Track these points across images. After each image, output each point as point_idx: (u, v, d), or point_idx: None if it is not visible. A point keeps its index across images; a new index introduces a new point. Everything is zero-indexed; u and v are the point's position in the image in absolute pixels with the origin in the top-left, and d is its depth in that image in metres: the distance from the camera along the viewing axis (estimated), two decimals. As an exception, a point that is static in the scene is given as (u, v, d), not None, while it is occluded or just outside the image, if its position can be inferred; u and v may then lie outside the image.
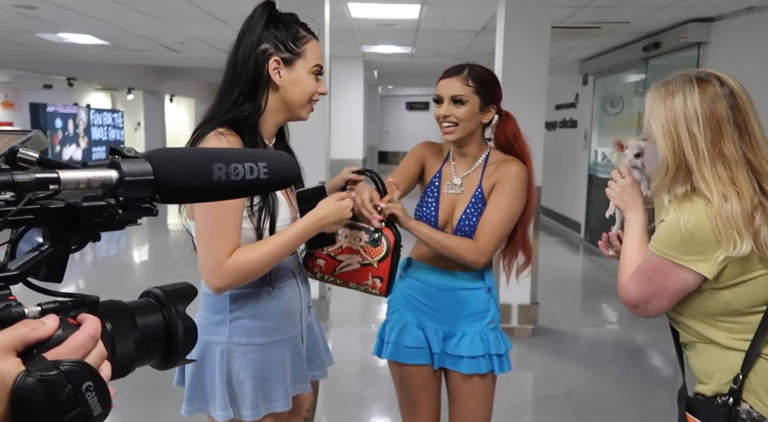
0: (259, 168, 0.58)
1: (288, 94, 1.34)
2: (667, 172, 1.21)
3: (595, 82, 7.40)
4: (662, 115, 1.22)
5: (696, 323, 1.23)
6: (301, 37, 1.34)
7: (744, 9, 4.41)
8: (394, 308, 1.80)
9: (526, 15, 3.92)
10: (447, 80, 1.70)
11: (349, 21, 5.35)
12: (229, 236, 1.23)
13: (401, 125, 18.28)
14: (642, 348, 4.32)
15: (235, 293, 1.33)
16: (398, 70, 9.74)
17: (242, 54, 1.30)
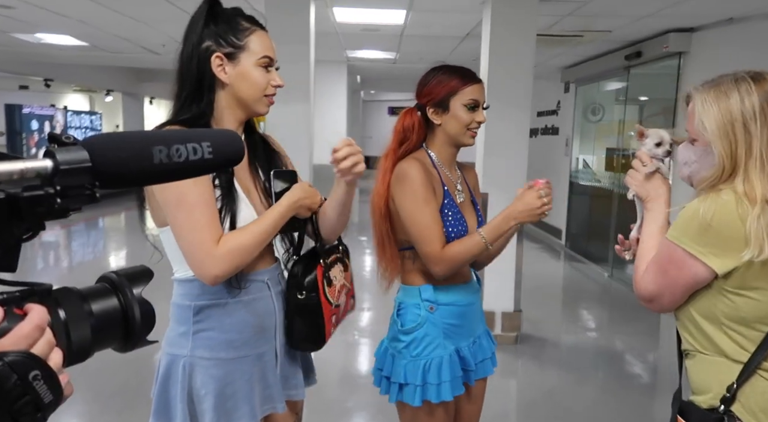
0: (203, 148, 0.58)
1: (238, 90, 1.29)
2: (722, 174, 1.18)
3: (576, 90, 7.48)
4: (718, 116, 1.18)
5: (706, 325, 1.21)
6: (243, 29, 1.29)
7: (724, 20, 4.48)
8: (433, 343, 1.63)
9: (512, 22, 3.93)
10: (480, 86, 1.66)
11: (334, 26, 5.33)
12: (209, 225, 1.20)
13: (383, 129, 18.20)
14: (621, 353, 4.34)
15: (200, 304, 1.27)
16: (381, 75, 9.74)
17: (186, 54, 1.27)
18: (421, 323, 1.63)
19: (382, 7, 4.61)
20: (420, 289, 1.65)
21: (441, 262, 1.58)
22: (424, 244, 1.58)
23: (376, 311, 5.04)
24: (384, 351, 1.73)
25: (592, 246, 6.93)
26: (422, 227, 1.58)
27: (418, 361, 1.62)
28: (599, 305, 5.65)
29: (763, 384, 1.16)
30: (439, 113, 1.65)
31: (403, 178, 1.60)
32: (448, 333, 1.66)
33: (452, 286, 1.67)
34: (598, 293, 6.05)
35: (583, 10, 4.29)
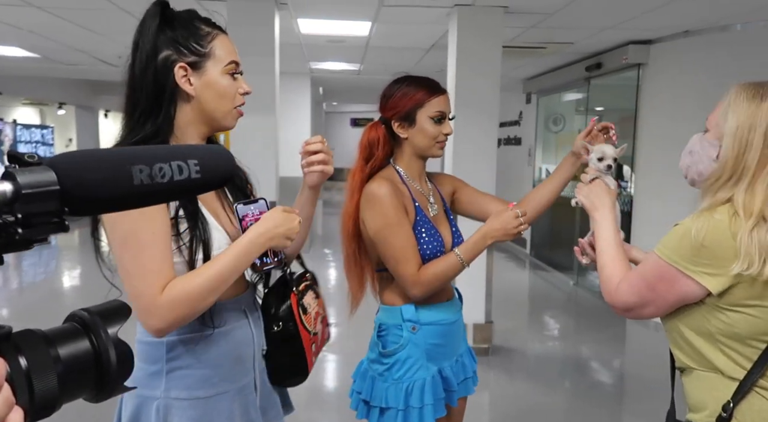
0: (189, 166, 0.51)
1: (204, 103, 1.15)
2: (722, 174, 1.15)
3: (538, 101, 7.60)
4: (742, 115, 1.14)
5: (700, 341, 1.19)
6: (205, 34, 1.15)
7: (680, 32, 4.62)
8: (416, 365, 1.58)
9: (479, 33, 3.95)
10: (446, 97, 1.63)
11: (298, 37, 5.26)
12: (158, 268, 1.04)
13: (346, 141, 18.24)
14: (588, 361, 4.37)
15: (173, 338, 1.14)
16: (344, 86, 9.71)
17: (139, 66, 1.11)
18: (404, 344, 1.58)
19: (348, 18, 4.58)
20: (401, 309, 1.59)
21: (417, 284, 1.53)
22: (399, 266, 1.53)
23: (343, 327, 4.95)
24: (363, 372, 1.66)
25: (556, 255, 7.01)
26: (395, 250, 1.52)
27: (401, 384, 1.56)
28: (565, 314, 5.70)
29: (759, 401, 1.14)
30: (405, 126, 1.60)
31: (372, 200, 1.54)
32: (431, 353, 1.60)
33: (435, 304, 1.62)
34: (564, 301, 6.11)
35: (547, 22, 4.35)
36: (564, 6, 3.90)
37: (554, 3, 3.85)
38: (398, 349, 1.57)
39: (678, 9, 3.88)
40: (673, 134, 4.77)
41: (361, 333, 1.71)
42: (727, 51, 4.38)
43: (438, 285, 1.55)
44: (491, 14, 3.93)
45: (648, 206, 5.10)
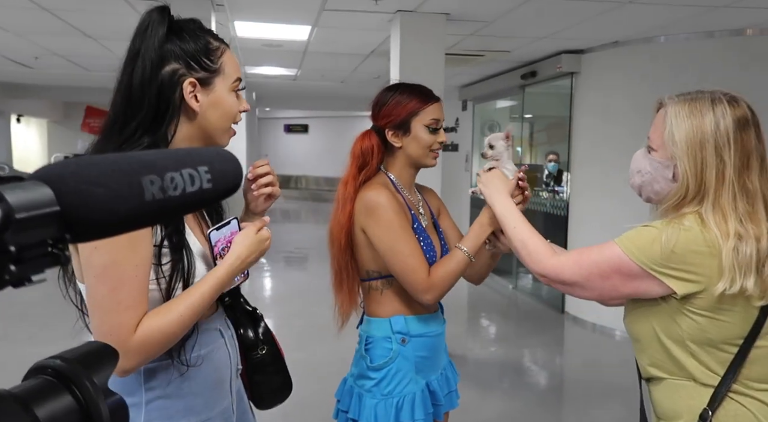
0: (200, 175, 0.42)
1: (208, 120, 1.09)
2: (685, 195, 1.15)
3: (474, 108, 7.74)
4: (690, 133, 1.14)
5: (674, 348, 1.18)
6: (215, 48, 1.09)
7: (610, 43, 4.82)
8: (405, 378, 1.53)
9: (421, 40, 3.95)
10: (440, 105, 1.59)
11: (234, 40, 5.09)
12: (134, 304, 0.96)
13: (279, 147, 17.98)
14: (527, 365, 4.45)
15: (151, 366, 1.05)
16: (279, 92, 9.52)
17: (140, 77, 1.03)
18: (393, 357, 1.52)
19: (287, 22, 4.47)
20: (390, 321, 1.54)
21: (431, 289, 1.48)
22: (410, 273, 1.47)
23: (288, 339, 4.80)
24: (348, 390, 1.59)
25: (495, 259, 7.14)
26: (405, 256, 1.47)
27: (390, 399, 1.50)
28: (505, 318, 5.79)
29: (735, 407, 1.15)
30: (400, 135, 1.56)
31: (375, 208, 1.48)
32: (419, 366, 1.55)
33: (423, 316, 1.58)
34: (504, 305, 6.22)
35: (485, 30, 4.42)
36: (503, 15, 3.97)
37: (494, 11, 3.91)
38: (388, 363, 1.52)
39: (606, 21, 4.04)
40: (605, 139, 4.97)
41: (328, 349, 1.63)
42: (651, 61, 4.61)
43: (449, 285, 1.51)
44: (433, 21, 3.94)
45: (583, 207, 5.28)
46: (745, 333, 1.13)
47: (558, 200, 5.81)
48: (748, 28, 4.25)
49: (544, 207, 6.03)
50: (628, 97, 4.77)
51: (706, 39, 4.39)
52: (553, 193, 6.10)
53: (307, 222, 12.43)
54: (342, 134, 16.37)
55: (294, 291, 6.49)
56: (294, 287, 6.72)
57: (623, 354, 4.64)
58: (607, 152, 4.94)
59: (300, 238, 9.65)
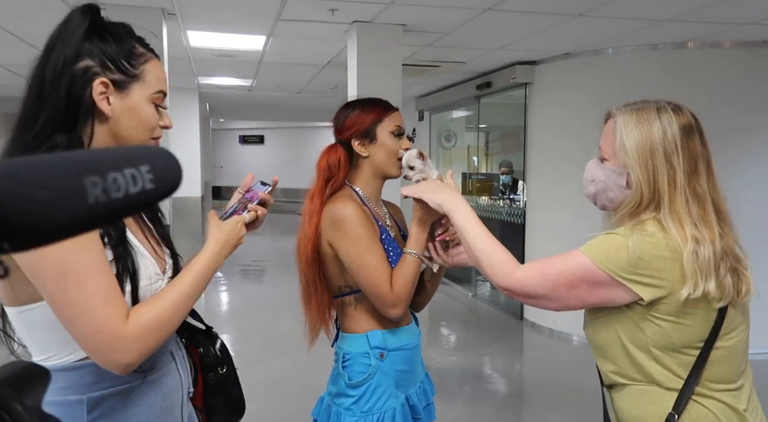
0: (142, 175, 0.40)
1: (121, 128, 1.02)
2: (640, 201, 1.17)
3: (430, 118, 7.81)
4: (639, 141, 1.17)
5: (637, 352, 1.19)
6: (139, 54, 1.04)
7: (561, 55, 4.95)
8: (385, 394, 1.51)
9: (378, 51, 3.96)
10: (399, 113, 1.62)
11: (187, 50, 4.98)
12: (109, 299, 0.92)
13: (235, 159, 17.69)
14: (487, 372, 4.49)
15: (95, 395, 0.98)
16: (233, 103, 9.39)
17: (51, 71, 0.97)
18: (372, 373, 1.50)
19: (241, 32, 4.40)
20: (368, 336, 1.52)
21: (396, 301, 1.46)
22: (375, 286, 1.45)
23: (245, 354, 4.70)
24: (326, 409, 1.56)
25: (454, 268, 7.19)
26: (371, 269, 1.45)
27: (371, 416, 1.48)
28: (465, 326, 5.83)
29: (697, 409, 1.17)
30: (366, 143, 1.56)
31: (341, 221, 1.47)
32: (399, 380, 1.54)
33: (399, 329, 1.57)
34: (464, 313, 6.26)
35: (441, 41, 4.47)
36: (458, 27, 4.02)
37: (449, 23, 3.96)
38: (367, 379, 1.50)
39: (558, 33, 4.16)
40: (559, 148, 5.09)
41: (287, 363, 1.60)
42: (601, 72, 4.76)
43: (410, 292, 1.49)
44: (390, 32, 3.96)
45: (539, 215, 5.38)
46: (705, 336, 1.16)
47: (515, 208, 5.91)
48: (690, 41, 4.44)
49: (500, 215, 6.12)
50: (578, 108, 4.90)
51: (650, 51, 4.56)
52: (509, 201, 6.20)
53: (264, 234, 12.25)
54: (299, 145, 16.25)
55: (251, 305, 6.37)
56: (251, 301, 6.59)
57: (581, 358, 4.74)
58: (560, 161, 5.05)
59: (257, 251, 9.49)
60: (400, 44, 4.04)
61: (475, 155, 6.81)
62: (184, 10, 3.75)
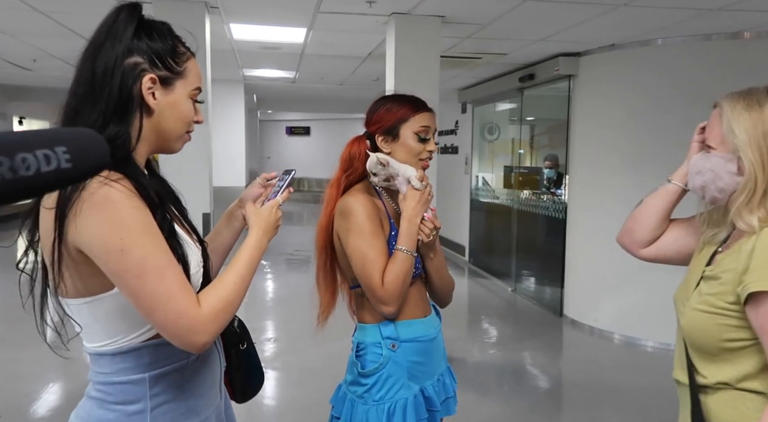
0: (58, 155, 0.44)
1: (163, 121, 1.09)
2: (755, 187, 1.13)
3: (473, 111, 7.73)
4: (749, 125, 1.13)
5: None
6: (182, 52, 1.11)
7: (607, 46, 4.80)
8: (397, 384, 1.53)
9: (416, 42, 3.95)
10: (431, 115, 1.62)
11: (231, 43, 5.09)
12: (184, 285, 1.01)
13: (282, 150, 17.99)
14: (526, 368, 4.43)
15: (155, 372, 1.07)
16: (279, 94, 9.54)
17: (103, 65, 1.03)
18: (384, 363, 1.52)
19: (282, 25, 4.47)
20: (380, 326, 1.55)
21: (386, 296, 1.48)
22: (368, 279, 1.49)
23: (283, 342, 4.80)
24: (342, 396, 1.60)
25: (494, 262, 7.13)
26: (367, 262, 1.48)
27: (382, 405, 1.51)
28: (504, 320, 5.77)
29: None
30: (389, 140, 1.59)
31: (348, 213, 1.52)
32: (412, 372, 1.55)
33: (413, 320, 1.58)
34: (503, 308, 6.20)
35: (482, 33, 4.41)
36: (498, 18, 3.96)
37: (488, 14, 3.90)
38: (378, 368, 1.53)
39: (603, 24, 4.03)
40: (603, 141, 4.95)
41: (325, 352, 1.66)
42: (649, 64, 4.59)
43: (401, 288, 1.50)
44: (428, 23, 3.93)
45: (581, 210, 5.26)
46: None
47: (557, 203, 5.79)
48: (746, 31, 4.22)
49: (544, 210, 6.01)
50: (625, 101, 4.75)
51: (702, 42, 4.37)
52: (552, 196, 6.09)
53: (309, 225, 12.41)
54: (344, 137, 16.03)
55: (294, 294, 6.48)
56: (294, 290, 6.71)
57: (621, 357, 4.63)
58: (605, 155, 4.92)
59: (301, 241, 9.64)
60: (439, 36, 4.00)
61: (519, 148, 6.70)
62: (226, 4, 3.84)
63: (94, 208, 0.95)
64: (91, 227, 0.95)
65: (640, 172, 4.54)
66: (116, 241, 0.95)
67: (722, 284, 1.13)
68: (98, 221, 0.95)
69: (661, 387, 3.59)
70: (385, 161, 1.53)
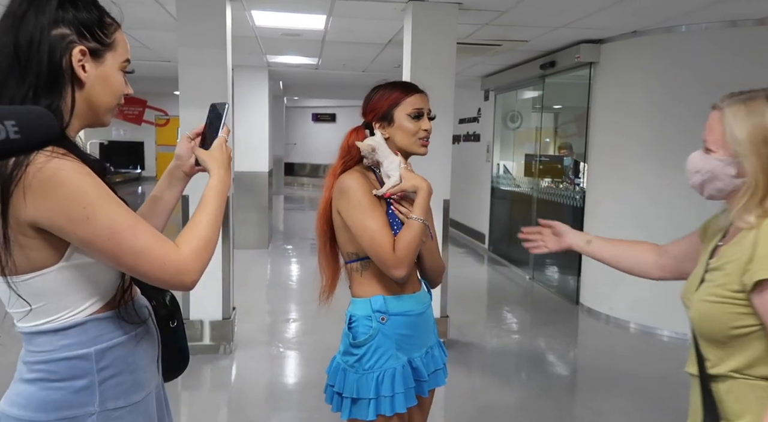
0: (6, 128, 0.50)
1: (95, 95, 1.07)
2: (756, 190, 1.17)
3: (495, 98, 7.69)
4: (751, 130, 1.18)
5: None
6: (109, 23, 1.09)
7: (629, 33, 4.74)
8: (386, 354, 1.62)
9: (433, 29, 3.96)
10: (422, 95, 1.72)
11: (253, 29, 5.18)
12: (158, 235, 1.05)
13: (307, 136, 18.13)
14: (543, 354, 4.46)
15: (100, 347, 1.08)
16: (304, 81, 9.62)
17: (28, 37, 0.99)
18: (373, 335, 1.62)
19: (302, 11, 4.53)
20: (370, 300, 1.65)
21: (397, 262, 1.58)
22: (377, 248, 1.58)
23: (302, 322, 4.92)
24: (336, 366, 1.70)
25: (513, 249, 7.13)
26: (372, 232, 1.58)
27: (371, 374, 1.61)
28: (521, 308, 5.80)
29: None
30: (385, 126, 1.69)
31: (345, 190, 1.62)
32: (400, 343, 1.65)
33: (403, 296, 1.68)
34: (520, 295, 6.22)
35: (501, 19, 4.40)
36: (516, 4, 3.95)
37: (505, 1, 3.89)
38: (368, 340, 1.62)
39: (625, 10, 3.98)
40: (624, 129, 4.90)
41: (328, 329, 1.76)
42: (673, 51, 4.52)
43: (413, 256, 1.60)
44: (445, 10, 3.95)
45: (599, 199, 5.23)
46: None
47: (576, 191, 5.77)
48: (773, 16, 4.13)
49: (563, 198, 5.99)
50: (647, 89, 4.69)
51: (728, 28, 4.28)
52: (570, 184, 6.06)
53: (332, 210, 12.56)
54: (369, 124, 16.39)
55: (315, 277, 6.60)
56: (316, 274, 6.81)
57: (636, 346, 4.62)
58: (625, 143, 4.87)
59: (323, 226, 9.76)
60: (455, 23, 4.01)
61: (541, 136, 6.66)
62: (248, -9, 3.91)
63: (48, 182, 0.93)
64: (49, 201, 0.94)
65: (660, 161, 4.50)
66: (79, 210, 0.95)
67: (727, 275, 1.19)
68: (55, 194, 0.94)
69: (676, 376, 3.59)
70: (374, 146, 1.63)
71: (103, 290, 1.08)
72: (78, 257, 1.03)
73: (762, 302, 1.12)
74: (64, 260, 1.02)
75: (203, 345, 3.95)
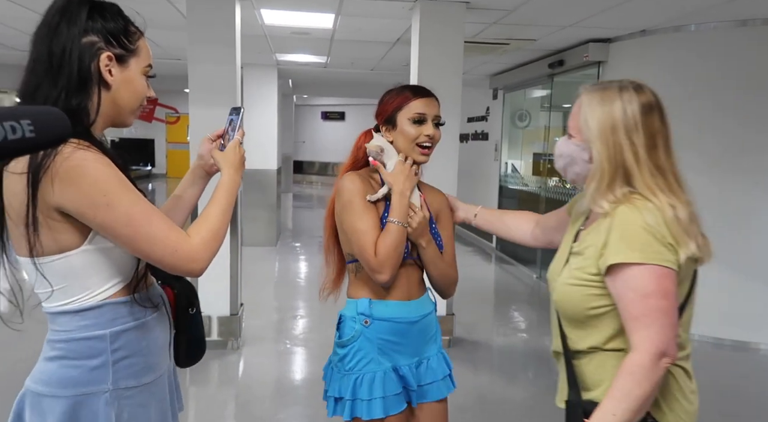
0: (23, 126, 0.53)
1: (120, 96, 1.19)
2: (602, 176, 1.22)
3: (504, 97, 7.69)
4: (601, 118, 1.22)
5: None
6: (133, 32, 1.21)
7: (637, 32, 4.73)
8: (366, 358, 1.61)
9: (440, 28, 3.98)
10: (428, 100, 1.66)
11: (262, 28, 5.21)
12: (170, 224, 1.14)
13: (316, 134, 18.17)
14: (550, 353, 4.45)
15: (116, 329, 1.17)
16: (313, 79, 9.65)
17: (61, 45, 1.11)
18: (356, 336, 1.62)
19: (311, 10, 4.55)
20: (357, 302, 1.64)
21: (379, 266, 1.55)
22: (362, 251, 1.56)
23: (309, 319, 4.96)
24: (329, 362, 1.72)
25: (520, 248, 7.13)
26: (360, 234, 1.57)
27: (350, 375, 1.61)
28: (528, 306, 5.80)
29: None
30: (390, 129, 1.67)
31: (340, 192, 1.63)
32: (384, 349, 1.62)
33: (391, 302, 1.64)
34: (528, 294, 6.22)
35: (508, 18, 4.40)
36: (523, 3, 3.95)
37: (513, 0, 3.90)
38: (351, 340, 1.62)
39: (633, 8, 3.98)
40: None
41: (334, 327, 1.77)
42: (682, 50, 4.51)
43: (395, 259, 1.56)
44: (453, 9, 3.96)
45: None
46: (683, 300, 1.21)
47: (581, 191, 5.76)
48: (783, 16, 4.10)
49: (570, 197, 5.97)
50: (655, 88, 4.66)
51: (738, 28, 4.26)
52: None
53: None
54: (378, 122, 16.39)
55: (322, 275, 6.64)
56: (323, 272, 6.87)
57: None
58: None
59: (331, 224, 9.79)
60: (462, 22, 4.02)
61: (549, 135, 6.65)
62: (257, -10, 3.94)
63: (73, 171, 1.04)
64: (74, 188, 1.04)
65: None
66: (100, 197, 1.05)
67: (585, 259, 1.25)
68: (79, 182, 1.04)
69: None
70: (382, 147, 1.63)
71: (121, 274, 1.17)
72: (99, 240, 1.12)
73: (614, 284, 1.18)
74: (87, 243, 1.11)
75: (211, 341, 4.00)
